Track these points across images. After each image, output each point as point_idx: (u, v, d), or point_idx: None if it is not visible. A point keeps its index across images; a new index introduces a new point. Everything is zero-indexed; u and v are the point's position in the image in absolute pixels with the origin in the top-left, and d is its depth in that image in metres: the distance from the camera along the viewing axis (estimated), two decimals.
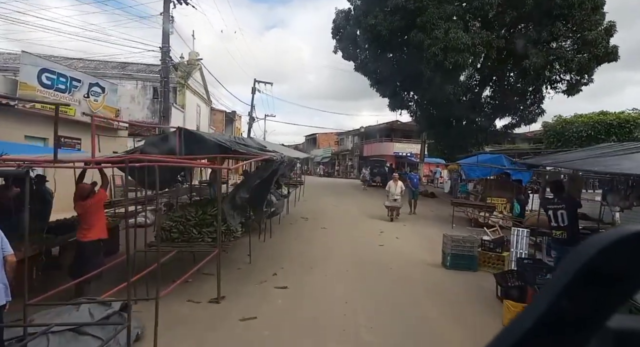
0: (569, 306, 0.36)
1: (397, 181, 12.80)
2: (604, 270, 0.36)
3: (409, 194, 14.14)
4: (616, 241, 0.36)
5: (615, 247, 0.36)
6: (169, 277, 6.04)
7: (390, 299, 5.69)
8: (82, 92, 12.43)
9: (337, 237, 9.76)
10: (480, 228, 11.74)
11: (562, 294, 0.36)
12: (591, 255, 0.36)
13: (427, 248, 9.02)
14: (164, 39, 15.68)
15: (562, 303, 0.36)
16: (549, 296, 0.36)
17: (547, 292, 0.36)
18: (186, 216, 6.01)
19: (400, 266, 7.38)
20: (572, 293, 0.36)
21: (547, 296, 0.36)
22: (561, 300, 0.36)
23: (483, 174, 12.01)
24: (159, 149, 5.54)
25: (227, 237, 6.09)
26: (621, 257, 0.36)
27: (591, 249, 0.36)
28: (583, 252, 0.36)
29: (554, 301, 0.36)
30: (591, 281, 0.36)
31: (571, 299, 0.36)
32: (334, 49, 23.45)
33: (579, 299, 0.36)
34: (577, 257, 0.36)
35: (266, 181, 5.95)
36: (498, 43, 16.77)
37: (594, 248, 0.36)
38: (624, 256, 0.36)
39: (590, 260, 0.36)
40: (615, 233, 0.36)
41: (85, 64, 25.12)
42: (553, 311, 0.36)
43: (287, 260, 7.55)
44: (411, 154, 35.19)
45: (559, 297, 0.36)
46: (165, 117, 15.66)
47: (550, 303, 0.36)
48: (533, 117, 20.83)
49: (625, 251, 0.36)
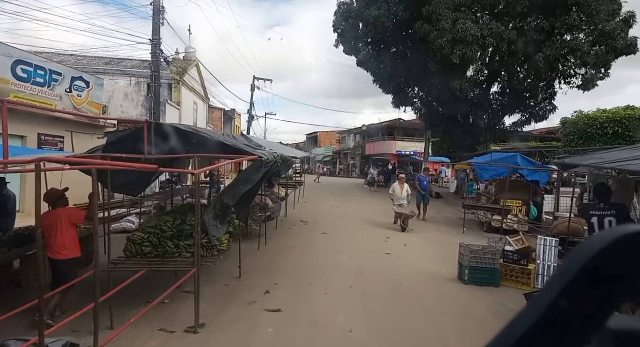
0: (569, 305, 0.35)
1: (403, 183, 11.27)
2: (605, 270, 0.35)
3: (417, 198, 12.70)
4: (616, 240, 0.35)
5: (615, 246, 0.35)
6: (142, 296, 5.16)
7: (403, 324, 4.77)
8: (63, 86, 11.51)
9: (339, 244, 8.86)
10: (494, 233, 10.84)
11: (562, 293, 0.35)
12: (592, 255, 0.35)
13: (438, 257, 8.12)
14: (154, 30, 14.79)
15: (562, 303, 0.35)
16: (549, 295, 0.36)
17: (547, 292, 0.36)
18: (161, 226, 5.11)
19: (411, 280, 6.46)
20: (572, 293, 0.36)
21: (547, 296, 0.36)
22: (561, 300, 0.35)
23: (497, 174, 11.08)
24: (125, 147, 4.64)
25: (209, 251, 5.18)
26: (621, 257, 0.35)
27: (592, 249, 0.35)
28: (583, 252, 0.36)
29: (554, 300, 0.35)
30: (591, 280, 0.35)
31: (571, 298, 0.35)
32: (335, 43, 22.48)
33: (579, 299, 0.36)
34: (577, 257, 0.36)
35: (254, 185, 5.04)
36: (509, 35, 15.79)
37: (594, 248, 0.35)
38: (624, 256, 0.35)
39: (591, 260, 0.35)
40: (615, 233, 0.36)
41: (76, 60, 24.26)
42: (553, 310, 0.35)
43: (282, 273, 6.64)
44: (414, 153, 34.22)
45: (559, 297, 0.35)
46: (155, 113, 14.76)
47: (550, 303, 0.35)
48: (544, 114, 19.91)
49: (625, 250, 0.35)
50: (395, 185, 11.44)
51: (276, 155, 5.54)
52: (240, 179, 4.92)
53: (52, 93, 11.16)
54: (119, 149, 4.79)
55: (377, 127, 39.97)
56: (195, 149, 4.73)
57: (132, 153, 4.57)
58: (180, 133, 4.80)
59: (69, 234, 4.67)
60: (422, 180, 13.02)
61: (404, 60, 20.02)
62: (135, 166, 3.27)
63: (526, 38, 16.13)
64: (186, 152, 4.63)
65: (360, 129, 43.52)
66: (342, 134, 51.09)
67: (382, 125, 39.81)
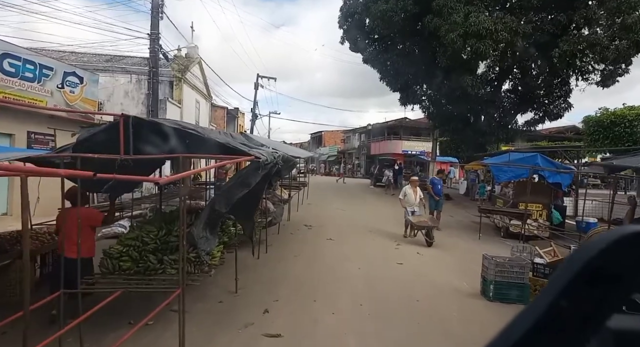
0: (569, 305, 0.35)
1: (416, 187, 9.77)
2: (605, 270, 0.35)
3: (430, 205, 11.17)
4: (616, 241, 0.35)
5: (615, 247, 0.35)
6: (124, 316, 4.51)
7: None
8: (55, 82, 10.91)
9: (347, 252, 8.17)
10: (512, 239, 10.12)
11: (563, 293, 0.35)
12: (592, 255, 0.35)
13: (456, 268, 7.40)
14: (153, 25, 14.15)
15: (562, 303, 0.35)
16: (550, 295, 0.35)
17: (548, 292, 0.36)
18: (143, 237, 4.44)
19: (429, 296, 5.74)
20: (572, 293, 0.35)
21: (547, 296, 0.36)
22: (561, 300, 0.35)
23: (516, 176, 10.33)
24: (103, 145, 3.97)
25: (197, 267, 4.49)
26: (622, 257, 0.35)
27: (592, 249, 0.35)
28: (584, 252, 0.36)
29: (554, 300, 0.35)
30: (592, 280, 0.35)
31: (572, 298, 0.35)
32: (341, 40, 21.79)
33: (580, 299, 0.35)
34: (577, 257, 0.36)
35: (254, 189, 4.36)
36: (524, 29, 14.97)
37: (594, 248, 0.35)
38: (624, 256, 0.35)
39: (591, 260, 0.35)
40: (615, 233, 0.36)
41: (77, 57, 23.75)
42: (553, 310, 0.35)
43: (283, 287, 5.96)
44: (422, 153, 33.43)
45: (560, 297, 0.35)
46: (154, 111, 14.13)
47: (551, 303, 0.35)
48: (559, 112, 19.05)
49: (625, 250, 0.35)
50: (406, 189, 9.93)
51: (277, 155, 4.86)
52: (235, 183, 4.24)
53: (43, 89, 10.57)
54: (97, 147, 4.12)
55: (382, 127, 39.22)
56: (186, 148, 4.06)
57: (111, 152, 3.91)
58: (167, 130, 4.13)
59: (85, 234, 4.22)
60: (436, 183, 11.49)
61: (412, 57, 19.28)
62: (60, 173, 2.62)
63: (542, 33, 15.34)
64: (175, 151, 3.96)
65: (366, 128, 42.74)
66: (347, 134, 50.34)
67: (387, 124, 39.05)
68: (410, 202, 9.64)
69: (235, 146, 4.03)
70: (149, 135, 4.00)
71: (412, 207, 9.59)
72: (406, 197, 9.74)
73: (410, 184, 10.05)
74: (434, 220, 9.31)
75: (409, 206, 9.62)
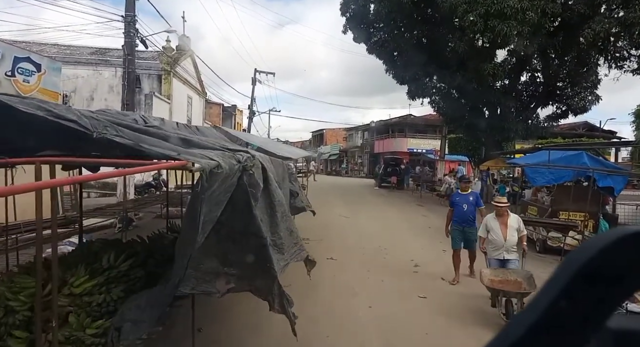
0: (568, 306, 0.35)
1: (507, 215, 5.46)
2: (604, 270, 0.35)
3: (454, 240, 6.58)
4: (616, 240, 0.35)
5: (615, 247, 0.35)
6: None
7: None
8: (3, 69, 9.16)
9: (353, 280, 6.38)
10: (552, 255, 8.33)
11: (562, 294, 0.35)
12: (591, 255, 0.35)
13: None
14: (128, 5, 12.37)
15: (561, 303, 0.35)
16: (549, 296, 0.35)
17: (547, 292, 0.36)
18: (6, 297, 2.58)
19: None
20: (571, 293, 0.35)
21: (546, 296, 0.36)
22: (560, 300, 0.35)
23: (556, 179, 8.51)
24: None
25: None
26: (621, 257, 0.35)
27: (591, 249, 0.35)
28: (583, 252, 0.36)
29: (553, 301, 0.35)
30: (591, 281, 0.35)
31: (571, 299, 0.35)
32: (344, 28, 19.91)
33: (579, 299, 0.35)
34: (577, 257, 0.36)
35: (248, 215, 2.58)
36: (552, 9, 13.11)
37: (594, 248, 0.35)
38: (624, 256, 0.35)
39: (590, 260, 0.35)
40: (615, 233, 0.35)
41: (59, 49, 22.05)
42: (552, 311, 0.35)
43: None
44: (429, 151, 31.60)
45: (559, 298, 0.35)
46: (129, 104, 12.34)
47: (550, 303, 0.35)
48: (585, 105, 17.19)
49: (625, 250, 0.35)
50: (489, 220, 5.53)
51: (247, 157, 3.06)
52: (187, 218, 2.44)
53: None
54: None
55: (386, 124, 37.43)
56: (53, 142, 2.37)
57: None
58: None
59: None
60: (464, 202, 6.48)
61: (422, 45, 17.46)
62: None
63: (571, 13, 13.49)
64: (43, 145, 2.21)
65: (369, 126, 40.94)
66: (350, 132, 48.55)
67: (391, 121, 37.26)
68: (497, 244, 5.39)
69: (151, 149, 2.24)
70: None
71: (501, 252, 5.35)
72: (490, 235, 5.45)
73: (494, 212, 5.55)
74: (531, 281, 4.86)
75: (494, 250, 5.42)
